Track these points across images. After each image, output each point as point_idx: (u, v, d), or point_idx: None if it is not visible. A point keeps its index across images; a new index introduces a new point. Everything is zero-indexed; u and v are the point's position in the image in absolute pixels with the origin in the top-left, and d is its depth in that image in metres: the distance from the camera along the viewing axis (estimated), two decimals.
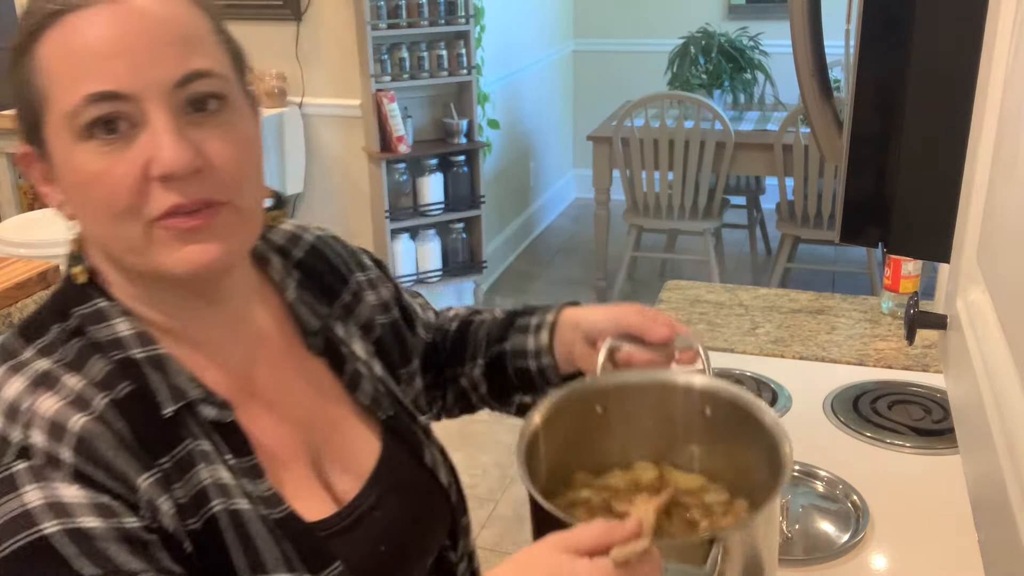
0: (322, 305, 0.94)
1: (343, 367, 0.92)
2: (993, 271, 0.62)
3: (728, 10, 5.26)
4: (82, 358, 0.76)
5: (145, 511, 0.71)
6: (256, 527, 0.76)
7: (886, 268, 1.77)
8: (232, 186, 0.76)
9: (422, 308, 1.09)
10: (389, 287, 1.02)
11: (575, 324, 0.99)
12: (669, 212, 4.05)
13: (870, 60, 0.80)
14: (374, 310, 0.99)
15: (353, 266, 0.99)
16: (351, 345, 0.94)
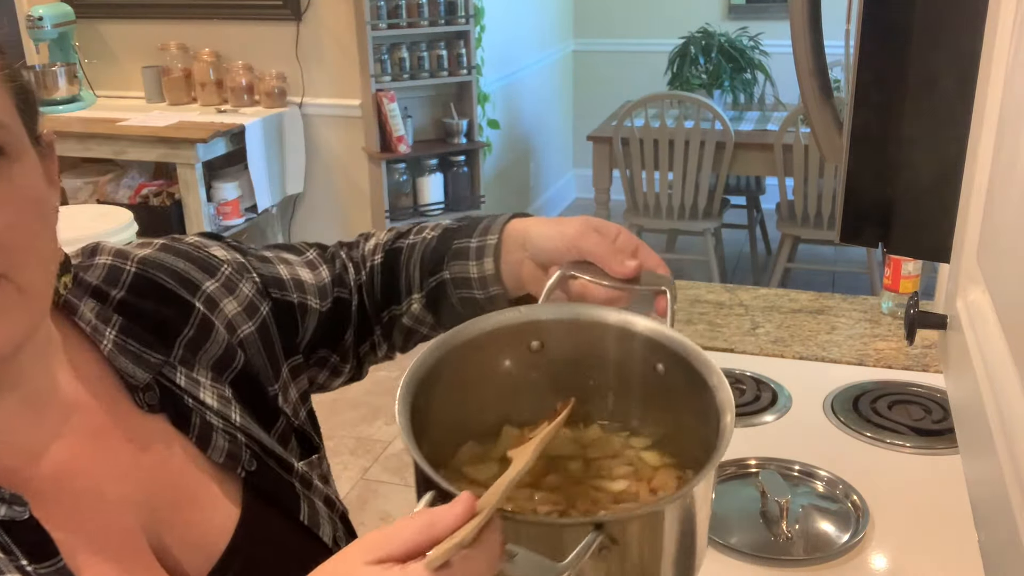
0: (158, 348, 0.78)
1: (188, 422, 0.77)
2: (993, 271, 0.62)
3: (728, 10, 5.26)
4: None
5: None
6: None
7: (886, 268, 1.77)
8: (9, 258, 0.62)
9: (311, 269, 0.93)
10: (251, 279, 0.86)
11: (522, 243, 0.85)
12: (669, 212, 4.05)
13: (870, 60, 0.80)
14: (237, 320, 0.83)
15: (199, 276, 0.83)
16: (198, 392, 0.79)
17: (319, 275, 0.93)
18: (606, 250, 0.79)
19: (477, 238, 0.88)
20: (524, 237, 0.85)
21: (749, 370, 1.60)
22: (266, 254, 0.91)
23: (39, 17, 3.66)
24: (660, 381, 0.72)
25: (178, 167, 3.42)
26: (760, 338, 1.72)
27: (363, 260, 0.95)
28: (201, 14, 3.83)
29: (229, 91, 3.77)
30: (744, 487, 1.27)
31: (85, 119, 3.65)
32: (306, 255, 0.94)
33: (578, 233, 0.80)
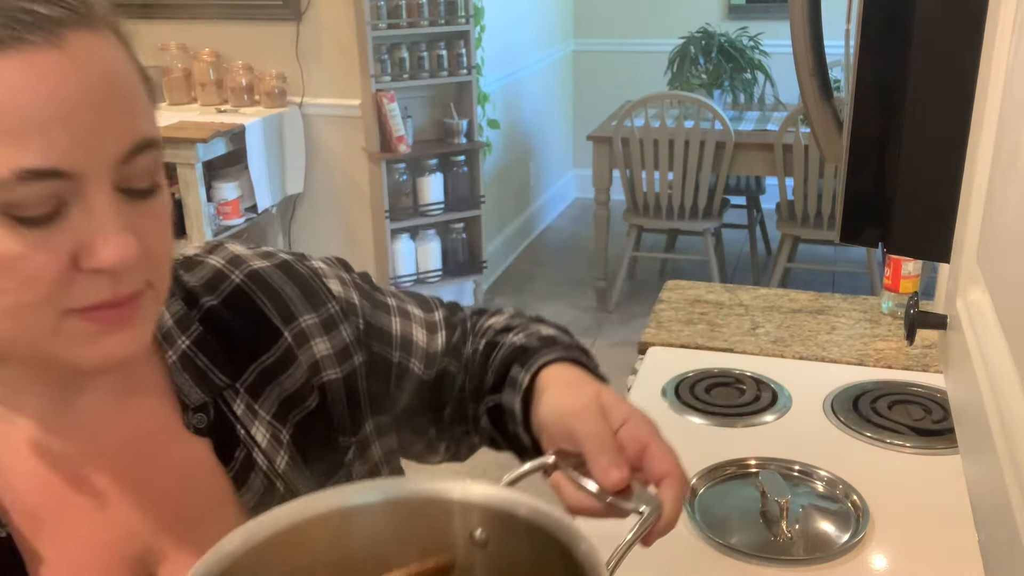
0: (228, 368, 0.74)
1: (232, 454, 0.72)
2: (993, 271, 0.62)
3: (728, 10, 5.26)
4: None
5: None
6: None
7: (886, 268, 1.77)
8: (160, 270, 0.64)
9: (429, 331, 0.86)
10: (355, 323, 0.80)
11: (538, 399, 0.75)
12: (669, 212, 4.05)
13: (870, 60, 0.80)
14: (324, 363, 0.77)
15: (300, 308, 0.77)
16: (251, 425, 0.73)
17: (434, 340, 0.86)
18: (598, 442, 0.65)
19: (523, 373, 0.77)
20: (540, 393, 0.75)
21: (749, 370, 1.60)
22: (388, 301, 0.85)
23: None
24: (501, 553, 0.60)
25: (178, 167, 3.41)
26: (760, 338, 1.72)
27: (477, 335, 0.87)
28: (201, 14, 3.83)
29: (229, 91, 3.77)
30: (744, 487, 1.27)
31: None
32: (432, 314, 0.88)
33: (575, 411, 0.68)
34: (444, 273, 3.99)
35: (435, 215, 3.88)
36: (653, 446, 0.66)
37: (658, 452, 0.66)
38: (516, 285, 4.58)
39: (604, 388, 0.72)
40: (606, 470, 0.63)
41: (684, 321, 1.79)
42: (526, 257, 4.96)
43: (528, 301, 4.37)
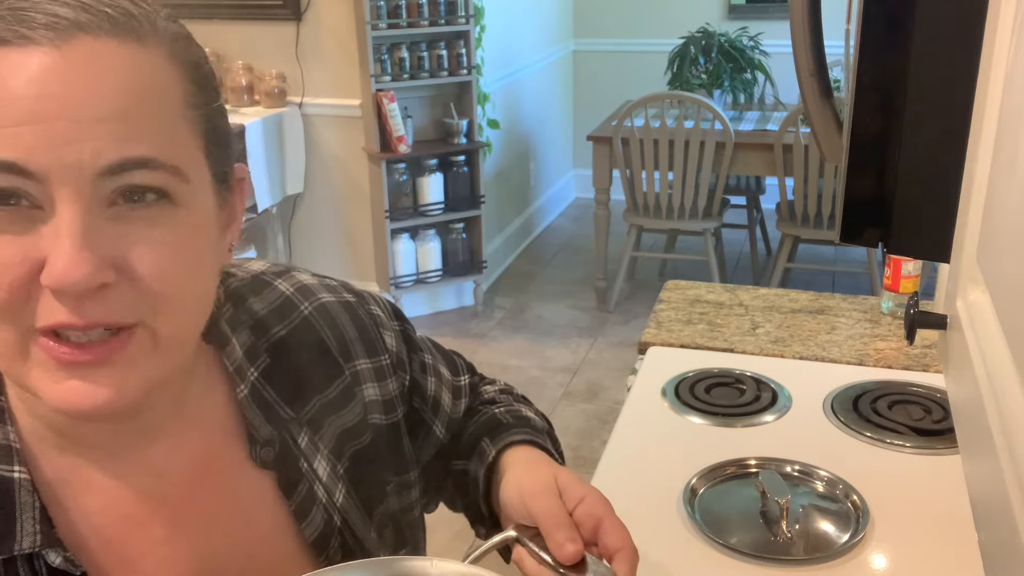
0: (292, 402, 0.75)
1: (295, 488, 0.73)
2: (993, 271, 0.62)
3: (728, 10, 5.26)
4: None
5: None
6: None
7: (886, 268, 1.77)
8: (151, 305, 0.58)
9: (454, 397, 0.89)
10: (402, 379, 0.83)
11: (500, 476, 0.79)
12: (669, 212, 4.05)
13: (870, 60, 0.80)
14: (371, 407, 0.80)
15: (358, 351, 0.79)
16: (313, 461, 0.75)
17: (457, 406, 0.89)
18: (554, 520, 0.69)
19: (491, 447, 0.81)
20: (502, 475, 0.78)
21: (749, 370, 1.60)
22: (427, 360, 0.87)
23: None
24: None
25: None
26: (760, 338, 1.72)
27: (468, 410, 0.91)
28: (201, 14, 3.83)
29: (229, 91, 3.77)
30: (744, 487, 1.27)
31: None
32: (459, 378, 0.91)
33: (533, 491, 0.72)
34: (444, 273, 3.99)
35: (435, 215, 3.88)
36: (607, 522, 0.69)
37: (611, 528, 0.69)
38: (516, 285, 4.58)
39: (561, 470, 0.75)
40: (561, 545, 0.67)
41: (684, 321, 1.79)
42: (526, 257, 4.96)
43: (528, 301, 4.38)
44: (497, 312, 4.25)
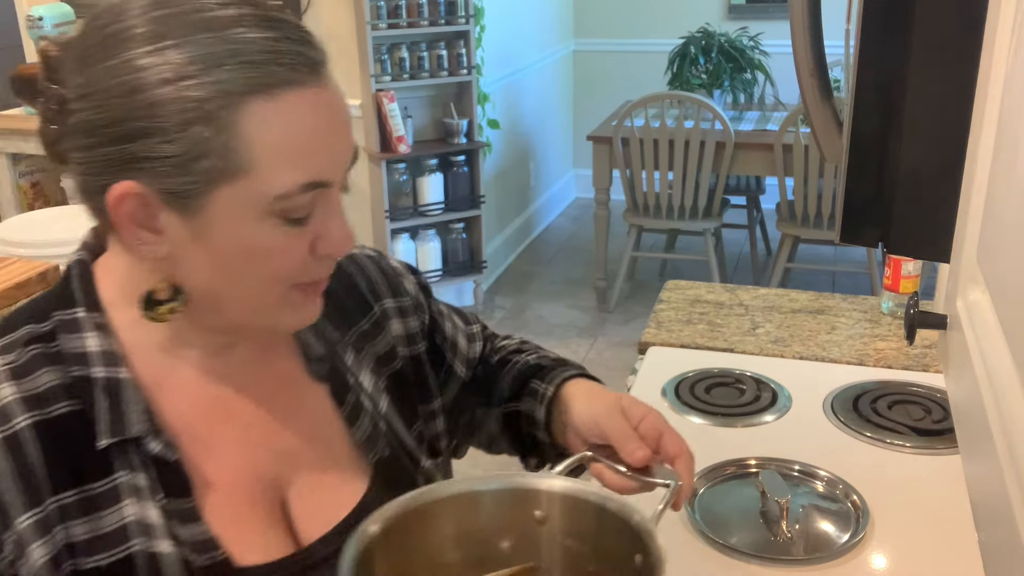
0: (336, 329, 0.89)
1: (344, 398, 0.87)
2: (993, 271, 0.62)
3: (728, 10, 5.26)
4: (33, 366, 0.74)
5: (8, 553, 0.70)
6: (174, 572, 0.74)
7: (886, 268, 1.77)
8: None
9: (468, 340, 1.03)
10: (421, 318, 0.97)
11: (565, 409, 0.92)
12: (669, 212, 4.05)
13: (870, 60, 0.80)
14: (397, 340, 0.94)
15: (384, 291, 0.95)
16: (359, 375, 0.89)
17: (473, 348, 1.04)
18: (623, 434, 0.84)
19: (545, 383, 0.95)
20: (568, 403, 0.92)
21: (749, 370, 1.60)
22: (442, 307, 1.02)
23: (39, 17, 3.65)
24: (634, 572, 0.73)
25: None
26: (760, 338, 1.72)
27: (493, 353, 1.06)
28: None
29: None
30: (744, 487, 1.27)
31: None
32: (471, 326, 1.06)
33: (602, 413, 0.86)
34: (444, 273, 3.99)
35: (435, 215, 3.88)
36: (666, 434, 0.85)
37: (671, 438, 0.85)
38: (516, 285, 4.58)
39: (622, 394, 0.90)
40: (632, 452, 0.83)
41: (684, 321, 1.79)
42: (526, 257, 4.96)
43: (528, 301, 4.38)
44: (497, 312, 4.25)
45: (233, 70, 0.67)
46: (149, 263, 0.74)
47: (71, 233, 2.29)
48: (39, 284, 1.73)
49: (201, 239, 0.71)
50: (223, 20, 0.69)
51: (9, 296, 1.67)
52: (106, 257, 0.80)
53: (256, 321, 0.77)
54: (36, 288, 1.72)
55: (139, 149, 0.68)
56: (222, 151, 0.68)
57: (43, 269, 1.75)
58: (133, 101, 0.67)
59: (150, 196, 0.70)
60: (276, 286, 0.74)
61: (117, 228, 0.72)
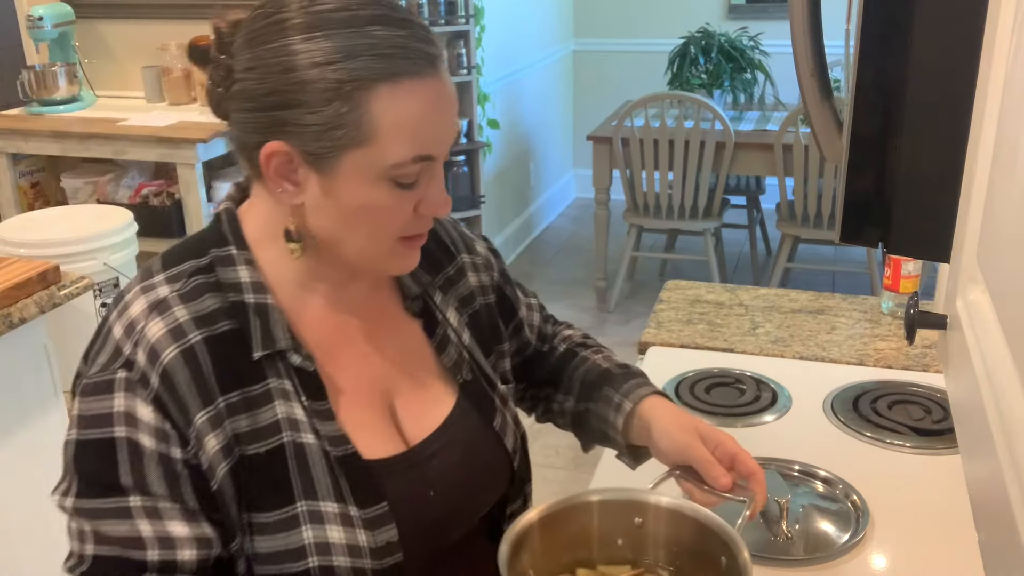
0: (427, 273, 1.05)
1: (435, 330, 1.04)
2: (993, 271, 0.62)
3: (728, 10, 5.26)
4: (197, 293, 0.90)
5: (193, 446, 0.86)
6: (317, 460, 0.90)
7: (886, 268, 1.77)
8: None
9: (528, 308, 1.20)
10: (493, 275, 1.14)
11: (647, 427, 1.06)
12: (669, 212, 4.05)
13: (870, 60, 0.80)
14: (474, 289, 1.10)
15: (462, 247, 1.11)
16: (446, 312, 1.06)
17: (532, 316, 1.21)
18: (707, 462, 0.99)
19: (619, 396, 1.10)
20: (648, 427, 1.06)
21: (749, 370, 1.60)
22: (507, 271, 1.19)
23: (39, 17, 3.65)
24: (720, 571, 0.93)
25: (178, 167, 3.41)
26: (760, 338, 1.72)
27: (554, 337, 1.23)
28: (201, 14, 3.82)
29: None
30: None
31: (85, 119, 3.65)
32: (529, 298, 1.22)
33: (686, 445, 1.01)
34: None
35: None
36: (739, 455, 1.01)
37: (743, 459, 1.01)
38: None
39: (696, 420, 1.05)
40: (717, 479, 0.99)
41: (684, 321, 1.79)
42: (526, 257, 4.96)
43: None
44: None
45: (368, 60, 0.83)
46: (287, 209, 0.90)
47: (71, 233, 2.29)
48: (39, 284, 1.72)
49: (329, 193, 0.88)
50: (363, 18, 0.85)
51: (9, 296, 1.67)
52: (248, 205, 0.96)
53: (367, 265, 0.94)
54: (36, 288, 1.72)
55: (289, 116, 0.85)
56: (353, 124, 0.84)
57: (43, 269, 1.75)
58: (288, 77, 0.84)
59: (294, 155, 0.86)
60: (385, 238, 0.91)
61: (265, 178, 0.89)
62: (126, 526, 0.85)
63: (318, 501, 0.90)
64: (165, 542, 0.85)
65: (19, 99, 3.78)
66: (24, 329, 1.70)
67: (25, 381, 1.74)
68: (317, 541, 0.89)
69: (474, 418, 1.03)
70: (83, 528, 0.86)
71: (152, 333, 0.87)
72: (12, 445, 1.72)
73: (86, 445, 0.86)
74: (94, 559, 0.86)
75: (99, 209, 3.06)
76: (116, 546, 0.85)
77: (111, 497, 0.85)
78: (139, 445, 0.85)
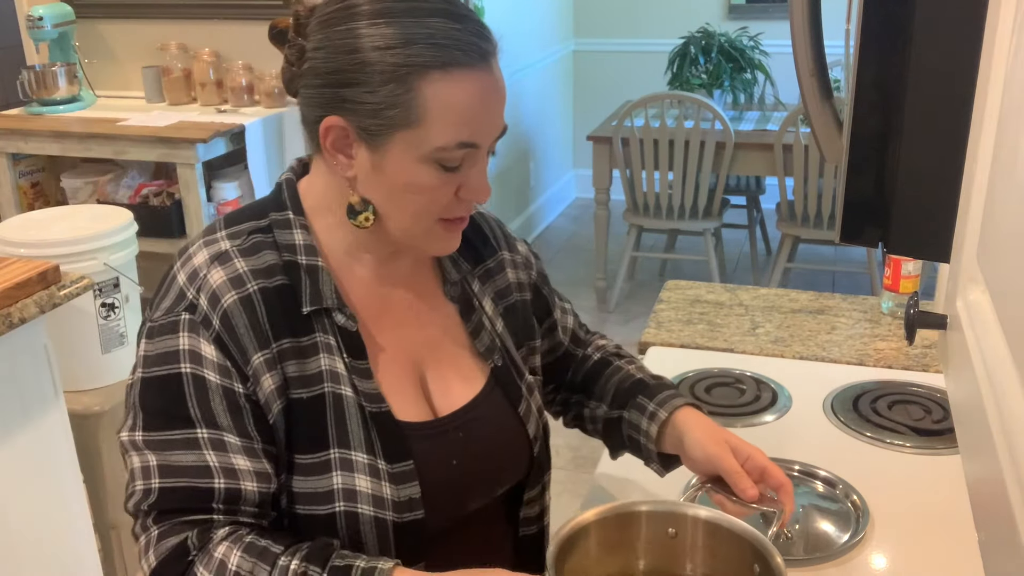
0: (467, 262, 1.12)
1: (470, 316, 1.10)
2: (993, 271, 0.62)
3: (728, 10, 5.26)
4: (256, 249, 0.98)
5: (251, 383, 0.93)
6: (353, 412, 0.97)
7: (886, 268, 1.77)
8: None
9: (563, 312, 1.25)
10: (531, 274, 1.20)
11: (680, 437, 1.10)
12: (669, 212, 4.05)
13: (870, 60, 0.80)
14: (511, 284, 1.16)
15: (503, 244, 1.17)
16: (483, 300, 1.12)
17: (567, 319, 1.26)
18: (737, 474, 1.03)
19: (654, 405, 1.14)
20: (681, 437, 1.10)
21: (749, 370, 1.60)
22: (546, 274, 1.24)
23: (39, 17, 3.65)
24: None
25: (178, 167, 3.41)
26: (760, 338, 1.72)
27: (588, 344, 1.28)
28: (201, 14, 3.83)
29: (229, 91, 3.77)
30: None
31: (85, 119, 3.65)
32: (564, 302, 1.27)
33: (717, 456, 1.05)
34: None
35: None
36: (768, 468, 1.05)
37: (772, 472, 1.04)
38: None
39: (727, 433, 1.09)
40: (745, 491, 1.03)
41: (684, 321, 1.79)
42: None
43: None
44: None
45: (424, 48, 0.90)
46: (342, 182, 0.98)
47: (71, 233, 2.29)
48: (39, 284, 1.72)
49: (378, 169, 0.95)
50: (424, 10, 0.92)
51: (9, 296, 1.67)
52: (308, 178, 1.04)
53: (408, 241, 1.00)
54: (36, 288, 1.72)
55: (348, 94, 0.92)
56: (405, 106, 0.91)
57: (43, 269, 1.75)
58: (351, 58, 0.91)
59: (349, 130, 0.94)
60: (426, 216, 0.97)
61: (323, 150, 0.96)
62: (194, 455, 0.91)
63: (350, 451, 0.96)
64: (230, 473, 0.92)
65: (19, 99, 3.78)
66: (24, 329, 1.70)
67: (25, 381, 1.74)
68: (345, 487, 0.96)
69: (501, 401, 1.09)
70: (148, 463, 0.92)
71: (214, 280, 0.95)
72: (12, 445, 1.72)
73: (152, 382, 0.93)
74: (160, 491, 0.91)
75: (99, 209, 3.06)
76: (184, 476, 0.91)
77: (179, 429, 0.92)
78: (204, 379, 0.92)
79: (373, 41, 0.91)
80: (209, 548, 0.89)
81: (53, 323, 1.83)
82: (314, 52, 0.95)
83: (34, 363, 1.77)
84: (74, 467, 1.87)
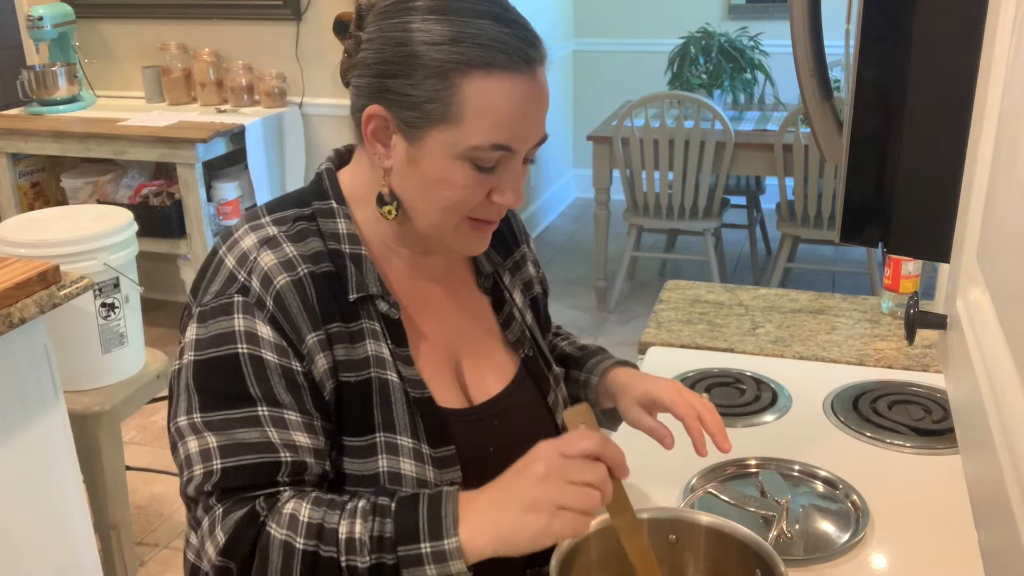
0: (498, 255, 1.17)
1: (502, 307, 1.15)
2: (993, 271, 0.62)
3: (728, 10, 5.26)
4: (302, 236, 1.00)
5: (307, 362, 0.95)
6: (398, 397, 1.00)
7: (886, 268, 1.77)
8: None
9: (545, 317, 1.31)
10: (540, 272, 1.26)
11: (615, 395, 1.19)
12: (669, 212, 4.05)
13: (870, 60, 0.80)
14: (532, 278, 1.22)
15: (523, 239, 1.23)
16: (513, 292, 1.17)
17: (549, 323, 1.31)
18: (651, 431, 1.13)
19: (585, 374, 1.24)
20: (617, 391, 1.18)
21: (749, 370, 1.60)
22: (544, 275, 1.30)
23: (39, 17, 3.66)
24: None
25: (178, 167, 3.42)
26: (760, 338, 1.72)
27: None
28: (201, 14, 3.83)
29: (229, 91, 3.77)
30: (744, 487, 1.27)
31: (85, 119, 3.66)
32: None
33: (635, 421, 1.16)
34: None
35: None
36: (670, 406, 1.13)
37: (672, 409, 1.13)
38: None
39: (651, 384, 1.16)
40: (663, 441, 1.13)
41: (684, 321, 1.79)
42: None
43: None
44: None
45: (469, 48, 0.92)
46: (377, 171, 1.00)
47: (71, 233, 2.29)
48: (39, 284, 1.72)
49: (414, 162, 0.97)
50: (477, 11, 0.94)
51: (9, 296, 1.67)
52: (348, 168, 1.07)
53: (436, 237, 1.02)
54: (36, 288, 1.72)
55: (392, 85, 0.95)
56: (444, 102, 0.93)
57: (43, 269, 1.74)
58: (399, 50, 0.94)
59: (389, 120, 0.96)
60: (454, 214, 0.99)
61: (364, 138, 0.99)
62: (257, 432, 0.92)
63: (395, 435, 0.99)
64: (293, 448, 0.93)
65: (19, 99, 3.79)
66: (24, 329, 1.70)
67: (25, 381, 1.74)
68: (390, 470, 0.98)
69: (532, 391, 1.13)
70: (208, 445, 0.92)
71: (265, 262, 0.97)
72: (12, 445, 1.72)
73: (207, 364, 0.94)
74: (223, 471, 0.91)
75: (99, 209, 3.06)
76: (249, 453, 0.91)
77: (239, 408, 0.93)
78: (262, 359, 0.93)
79: (423, 36, 0.93)
80: (278, 507, 0.90)
81: (53, 323, 1.83)
82: (368, 43, 0.97)
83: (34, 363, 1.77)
84: (74, 467, 1.87)
